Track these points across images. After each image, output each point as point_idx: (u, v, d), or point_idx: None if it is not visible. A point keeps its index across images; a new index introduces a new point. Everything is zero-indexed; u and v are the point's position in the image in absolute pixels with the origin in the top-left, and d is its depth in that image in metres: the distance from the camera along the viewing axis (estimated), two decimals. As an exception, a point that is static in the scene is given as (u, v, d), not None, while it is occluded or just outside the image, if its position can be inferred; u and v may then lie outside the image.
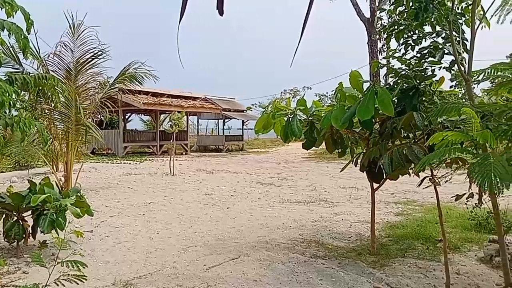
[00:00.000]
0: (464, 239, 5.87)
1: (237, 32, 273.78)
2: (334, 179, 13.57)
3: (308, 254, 5.46)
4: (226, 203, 9.38)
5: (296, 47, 1.00)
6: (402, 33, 4.40)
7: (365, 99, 4.39)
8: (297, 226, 7.08)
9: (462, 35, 4.34)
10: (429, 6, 3.75)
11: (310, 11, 0.86)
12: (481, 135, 2.92)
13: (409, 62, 4.64)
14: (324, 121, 4.95)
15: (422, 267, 4.89)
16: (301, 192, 11.05)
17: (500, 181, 2.72)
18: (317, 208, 8.85)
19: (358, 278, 4.55)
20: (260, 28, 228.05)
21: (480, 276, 4.65)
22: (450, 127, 4.23)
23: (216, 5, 0.91)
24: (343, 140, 5.57)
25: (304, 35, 1.01)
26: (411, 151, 4.22)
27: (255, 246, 5.85)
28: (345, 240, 6.16)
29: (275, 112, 5.54)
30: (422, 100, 4.61)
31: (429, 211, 7.89)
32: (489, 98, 4.83)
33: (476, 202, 4.24)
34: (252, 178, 14.24)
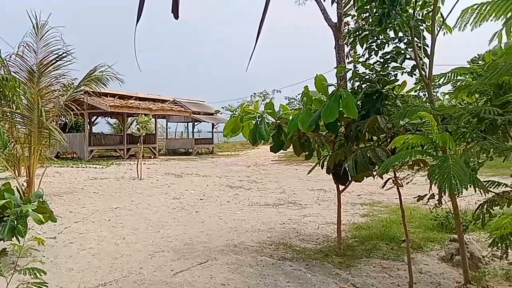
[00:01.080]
0: (426, 239, 6.05)
1: (207, 35, 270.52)
2: (303, 182, 13.70)
3: (276, 256, 5.48)
4: (195, 207, 9.29)
5: (252, 51, 1.00)
6: (366, 38, 4.51)
7: (329, 103, 4.46)
8: (266, 229, 7.10)
9: (424, 41, 4.49)
10: (391, 12, 3.86)
11: (265, 15, 0.87)
12: (440, 137, 3.02)
13: (373, 66, 4.77)
14: (291, 125, 5.01)
15: (386, 267, 5.01)
16: (270, 195, 11.10)
17: (458, 182, 2.82)
18: (286, 210, 8.91)
19: (325, 279, 4.60)
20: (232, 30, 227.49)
21: (441, 275, 4.79)
22: (412, 130, 4.36)
23: (171, 9, 0.90)
24: (310, 143, 5.64)
25: (277, 39, 1.01)
26: (375, 154, 4.32)
27: (223, 250, 5.82)
28: (313, 242, 6.23)
29: (243, 115, 5.56)
30: (386, 103, 4.73)
31: (394, 212, 8.08)
32: (449, 101, 5.01)
33: (436, 203, 4.36)
34: (221, 181, 14.19)
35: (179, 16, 0.89)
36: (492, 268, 4.93)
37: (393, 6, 3.84)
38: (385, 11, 3.90)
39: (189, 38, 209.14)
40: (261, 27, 0.90)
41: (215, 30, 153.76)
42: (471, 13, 2.91)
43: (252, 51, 0.99)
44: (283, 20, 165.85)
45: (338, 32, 23.33)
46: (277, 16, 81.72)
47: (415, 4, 4.03)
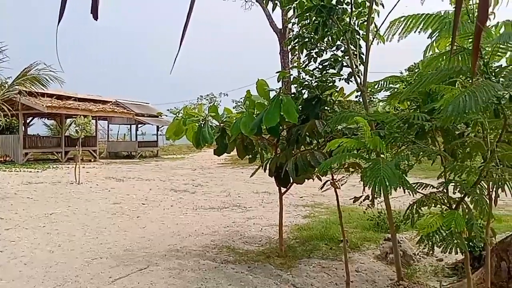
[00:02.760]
0: (363, 239, 6.32)
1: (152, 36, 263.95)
2: (248, 184, 13.78)
3: (219, 260, 5.48)
4: (136, 212, 9.06)
5: (176, 53, 1.02)
6: (305, 45, 4.65)
7: (271, 107, 4.56)
8: (210, 233, 7.08)
9: (360, 49, 4.71)
10: (328, 21, 4.01)
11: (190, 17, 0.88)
12: (372, 141, 3.18)
13: (312, 73, 4.93)
14: (234, 128, 5.05)
15: (325, 266, 5.17)
16: (215, 198, 11.07)
17: (388, 184, 2.98)
18: (230, 213, 8.93)
19: (266, 280, 4.67)
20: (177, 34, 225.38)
21: (377, 273, 5.03)
22: (349, 134, 4.55)
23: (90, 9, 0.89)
24: (253, 146, 5.71)
25: (226, 43, 1.02)
26: (313, 157, 4.46)
27: (165, 255, 5.72)
28: (256, 244, 6.29)
29: (186, 118, 5.52)
30: (324, 109, 4.91)
31: (334, 213, 8.35)
32: (384, 107, 5.28)
33: (370, 204, 4.58)
34: (165, 185, 13.93)
35: (98, 17, 0.89)
36: (423, 265, 5.25)
37: (330, 15, 4.00)
38: (322, 19, 4.05)
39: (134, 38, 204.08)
40: (185, 30, 0.91)
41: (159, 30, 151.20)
42: (399, 24, 3.11)
43: (176, 53, 1.00)
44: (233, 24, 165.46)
45: (283, 38, 23.77)
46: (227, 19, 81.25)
47: (351, 14, 4.22)
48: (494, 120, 3.30)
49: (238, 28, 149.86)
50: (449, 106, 2.76)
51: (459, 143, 3.72)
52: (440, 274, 4.90)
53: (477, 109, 2.76)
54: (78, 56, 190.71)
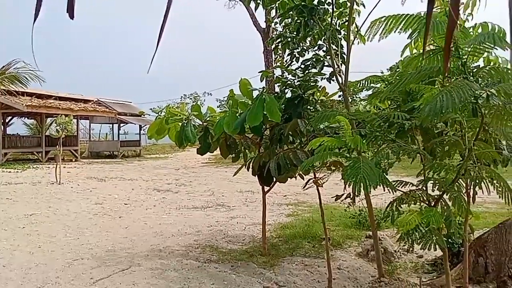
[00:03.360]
0: (345, 236, 6.39)
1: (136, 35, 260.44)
2: (232, 184, 13.76)
3: (202, 259, 5.47)
4: (118, 212, 8.96)
5: (154, 53, 1.02)
6: (287, 45, 4.67)
7: (254, 106, 4.57)
8: (193, 232, 7.05)
9: (341, 49, 4.76)
10: (309, 21, 4.04)
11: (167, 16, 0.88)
12: (352, 140, 3.22)
13: (295, 72, 4.95)
14: (217, 127, 5.04)
15: (308, 264, 5.21)
16: (199, 198, 11.03)
17: (368, 182, 3.03)
18: (214, 213, 8.91)
19: (249, 279, 4.68)
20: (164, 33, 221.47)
21: (358, 270, 5.09)
22: (330, 133, 4.60)
23: (66, 8, 0.89)
24: (236, 145, 5.71)
25: (210, 43, 1.02)
26: (296, 156, 4.49)
27: (147, 255, 5.68)
28: (239, 243, 6.30)
29: (168, 117, 5.49)
30: (307, 108, 4.94)
31: (317, 211, 8.37)
32: (365, 107, 5.35)
33: (351, 202, 4.63)
34: (148, 185, 13.82)
35: (74, 16, 0.88)
36: (403, 261, 5.34)
37: (312, 15, 4.03)
38: (304, 19, 4.08)
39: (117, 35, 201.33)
40: (162, 29, 0.91)
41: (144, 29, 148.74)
42: (380, 25, 3.15)
43: (154, 52, 1.00)
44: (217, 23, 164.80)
45: (266, 37, 23.81)
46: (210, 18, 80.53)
47: (332, 14, 4.26)
48: (472, 119, 3.37)
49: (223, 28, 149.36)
50: (427, 106, 2.81)
51: (438, 141, 3.79)
52: (420, 271, 4.99)
53: (454, 108, 2.83)
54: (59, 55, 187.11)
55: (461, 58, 3.13)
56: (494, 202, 8.48)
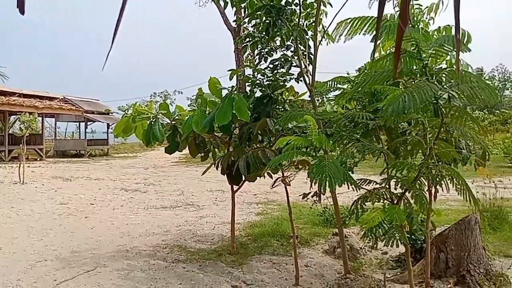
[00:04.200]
0: (313, 234, 6.48)
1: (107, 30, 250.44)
2: (202, 183, 13.68)
3: (170, 259, 5.42)
4: (84, 212, 8.75)
5: (108, 51, 1.00)
6: (256, 44, 4.69)
7: (223, 105, 4.56)
8: (161, 232, 6.97)
9: (309, 50, 4.81)
10: (277, 22, 4.07)
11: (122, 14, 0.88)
12: (318, 139, 3.27)
13: (264, 72, 4.98)
14: (185, 126, 5.01)
15: (276, 262, 5.25)
16: (168, 197, 10.91)
17: (333, 180, 3.09)
18: (183, 212, 8.84)
19: (218, 278, 4.68)
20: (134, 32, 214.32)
21: (325, 267, 5.17)
22: (299, 132, 4.65)
23: (16, 4, 0.86)
24: (205, 144, 5.69)
25: (182, 39, 1.01)
26: (264, 155, 4.52)
27: (114, 256, 5.58)
28: (208, 242, 6.28)
29: (135, 115, 5.41)
30: (275, 107, 4.98)
31: (286, 209, 8.38)
32: (332, 107, 5.43)
33: (316, 200, 4.70)
34: (115, 184, 13.55)
35: (25, 12, 0.86)
36: (369, 258, 5.46)
37: (279, 15, 4.06)
38: (272, 19, 4.10)
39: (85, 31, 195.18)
40: (118, 26, 0.90)
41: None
42: (345, 26, 3.21)
43: (109, 50, 0.99)
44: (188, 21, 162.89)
45: (237, 36, 23.78)
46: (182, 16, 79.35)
47: (300, 14, 4.31)
48: (433, 119, 3.48)
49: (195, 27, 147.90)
50: (390, 107, 2.89)
51: (401, 141, 3.91)
52: (385, 267, 5.12)
53: (416, 109, 2.92)
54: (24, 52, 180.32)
55: (423, 60, 3.24)
56: (456, 199, 8.79)
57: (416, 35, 3.19)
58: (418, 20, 3.73)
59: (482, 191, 7.22)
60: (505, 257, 5.28)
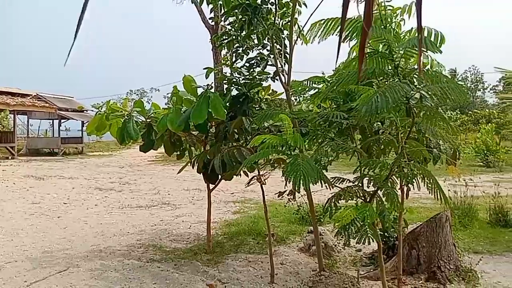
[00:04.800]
0: (289, 232, 6.52)
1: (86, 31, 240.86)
2: (179, 182, 13.58)
3: (145, 259, 5.36)
4: (57, 212, 8.56)
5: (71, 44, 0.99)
6: (232, 43, 4.68)
7: (198, 104, 4.54)
8: (136, 232, 6.89)
9: (285, 49, 4.84)
10: (253, 20, 4.08)
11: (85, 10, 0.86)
12: (292, 138, 3.30)
13: (240, 70, 4.98)
14: (160, 124, 4.96)
15: (252, 260, 5.27)
16: (143, 196, 10.78)
17: (307, 178, 3.11)
18: (158, 211, 8.75)
19: (193, 277, 4.66)
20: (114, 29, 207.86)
21: (300, 264, 5.22)
22: (274, 131, 4.67)
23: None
24: (181, 142, 5.65)
25: (161, 37, 0.99)
26: (240, 153, 4.52)
27: (87, 256, 5.49)
28: (184, 242, 6.24)
29: (109, 113, 5.32)
30: (251, 106, 4.98)
31: (263, 208, 8.50)
32: (308, 106, 5.47)
33: (290, 198, 4.75)
34: (90, 183, 13.30)
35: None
36: (343, 255, 5.53)
37: (255, 14, 4.07)
38: (248, 18, 4.11)
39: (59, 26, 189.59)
40: (79, 24, 0.89)
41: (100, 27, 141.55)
42: (319, 27, 3.25)
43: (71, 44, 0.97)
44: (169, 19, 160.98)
45: (215, 34, 23.63)
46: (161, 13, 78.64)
47: (275, 13, 4.33)
48: (405, 118, 3.56)
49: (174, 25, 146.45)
50: (363, 106, 2.94)
51: (374, 140, 3.98)
52: (359, 264, 5.20)
53: (388, 108, 2.97)
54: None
55: (394, 61, 3.30)
56: (429, 198, 8.98)
57: (388, 36, 3.25)
58: (390, 22, 3.79)
59: (453, 189, 7.42)
60: (474, 253, 5.44)
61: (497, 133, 26.08)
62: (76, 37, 0.91)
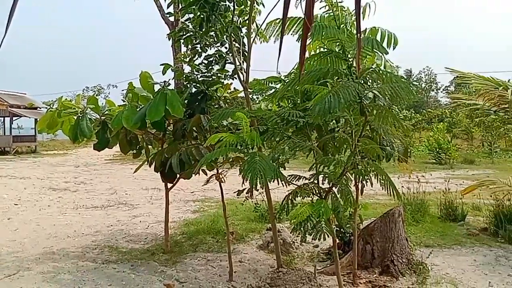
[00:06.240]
0: (249, 230, 6.54)
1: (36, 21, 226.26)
2: (138, 181, 13.29)
3: (100, 260, 5.22)
4: (7, 213, 8.16)
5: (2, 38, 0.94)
6: (189, 39, 4.63)
7: (155, 101, 4.47)
8: (91, 233, 6.69)
9: (243, 47, 4.84)
10: (211, 17, 4.05)
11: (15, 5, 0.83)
12: (249, 136, 3.31)
13: (198, 67, 4.93)
14: (115, 121, 4.83)
15: (210, 259, 5.25)
16: (100, 196, 10.48)
17: (263, 176, 3.13)
18: (115, 212, 8.54)
19: (150, 278, 4.58)
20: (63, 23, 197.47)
21: (259, 262, 5.25)
22: (233, 129, 4.66)
23: None
24: (137, 140, 5.53)
25: (117, 33, 0.94)
26: (198, 151, 4.49)
27: (39, 259, 5.27)
28: (141, 242, 6.12)
29: (61, 110, 5.14)
30: (210, 104, 4.95)
31: (222, 206, 8.50)
32: (267, 105, 5.51)
33: (248, 196, 4.77)
34: (43, 183, 12.78)
35: None
36: (301, 251, 5.61)
37: (213, 11, 4.04)
38: (206, 14, 4.08)
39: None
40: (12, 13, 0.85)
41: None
42: (275, 26, 3.27)
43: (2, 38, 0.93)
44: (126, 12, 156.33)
45: (175, 31, 23.32)
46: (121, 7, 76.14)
47: (233, 11, 4.32)
48: (359, 117, 3.65)
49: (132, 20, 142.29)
50: (317, 106, 2.99)
51: (329, 138, 4.06)
52: (316, 259, 5.29)
53: (341, 107, 3.04)
54: None
55: (348, 61, 3.38)
56: (384, 194, 9.21)
57: (341, 36, 3.33)
58: (344, 22, 3.88)
59: (407, 186, 7.70)
60: (425, 247, 5.66)
61: (448, 131, 27.40)
62: (7, 32, 0.87)
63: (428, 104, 56.67)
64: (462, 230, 6.48)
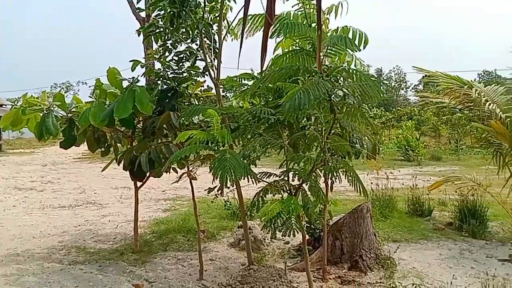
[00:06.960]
0: (220, 227, 6.51)
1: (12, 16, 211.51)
2: (107, 180, 13.00)
3: (67, 261, 5.08)
4: (-33, 214, 7.84)
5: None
6: (159, 35, 4.56)
7: (123, 97, 4.38)
8: (58, 233, 6.50)
9: (214, 44, 4.80)
10: (181, 13, 4.00)
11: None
12: (220, 133, 3.29)
13: (169, 64, 4.86)
14: (82, 119, 4.71)
15: (181, 258, 5.19)
16: (67, 196, 10.20)
17: (234, 173, 3.12)
18: (83, 211, 8.33)
19: (118, 278, 4.49)
20: None
21: (230, 259, 5.23)
22: (204, 126, 4.63)
23: None
24: (106, 138, 5.41)
25: (91, 29, 0.89)
26: (168, 149, 4.43)
27: (1, 261, 5.09)
28: (110, 242, 5.99)
29: (25, 107, 4.97)
30: (181, 101, 4.89)
31: (194, 205, 8.43)
32: (238, 102, 5.49)
33: (218, 193, 4.75)
34: (8, 183, 12.32)
35: None
36: (272, 248, 5.64)
37: (184, 7, 3.99)
38: (176, 10, 4.02)
39: None
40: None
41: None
42: (247, 23, 3.25)
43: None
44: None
45: (147, 27, 22.90)
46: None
47: (204, 7, 4.28)
48: (329, 115, 3.69)
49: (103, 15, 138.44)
50: (287, 103, 3.00)
51: (300, 135, 4.08)
52: (286, 256, 5.32)
53: (310, 105, 3.06)
54: None
55: (319, 59, 3.40)
56: (354, 190, 9.44)
57: (313, 34, 3.35)
58: (314, 20, 3.90)
59: (376, 182, 7.86)
60: (393, 242, 5.79)
61: (417, 129, 28.12)
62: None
63: (398, 102, 58.01)
64: (429, 225, 6.66)
